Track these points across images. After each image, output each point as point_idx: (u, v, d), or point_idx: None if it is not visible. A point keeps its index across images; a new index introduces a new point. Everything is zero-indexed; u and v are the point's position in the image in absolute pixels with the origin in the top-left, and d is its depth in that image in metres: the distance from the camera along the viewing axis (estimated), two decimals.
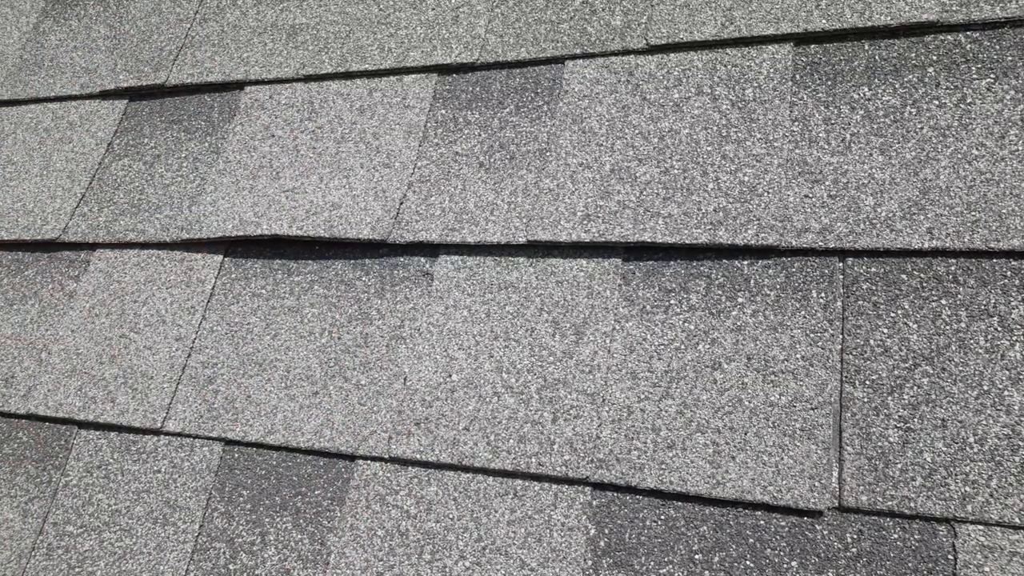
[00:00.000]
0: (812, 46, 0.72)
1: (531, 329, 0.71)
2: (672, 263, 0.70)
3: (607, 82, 0.77)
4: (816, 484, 0.59)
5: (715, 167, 0.70)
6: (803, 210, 0.66)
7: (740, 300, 0.66)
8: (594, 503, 0.65)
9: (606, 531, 0.64)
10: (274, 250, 0.85)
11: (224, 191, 0.88)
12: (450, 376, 0.71)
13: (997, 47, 0.67)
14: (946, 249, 0.62)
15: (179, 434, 0.79)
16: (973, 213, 0.62)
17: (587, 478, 0.64)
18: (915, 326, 0.61)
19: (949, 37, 0.68)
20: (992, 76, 0.66)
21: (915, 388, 0.60)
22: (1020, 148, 0.63)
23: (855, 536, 0.58)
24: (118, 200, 0.94)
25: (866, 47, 0.71)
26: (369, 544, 0.68)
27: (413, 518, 0.68)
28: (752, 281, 0.67)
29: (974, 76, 0.66)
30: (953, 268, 0.62)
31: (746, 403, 0.63)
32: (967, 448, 0.57)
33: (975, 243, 0.61)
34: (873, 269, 0.64)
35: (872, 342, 0.62)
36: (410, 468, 0.70)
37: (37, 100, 1.06)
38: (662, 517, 0.63)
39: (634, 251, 0.71)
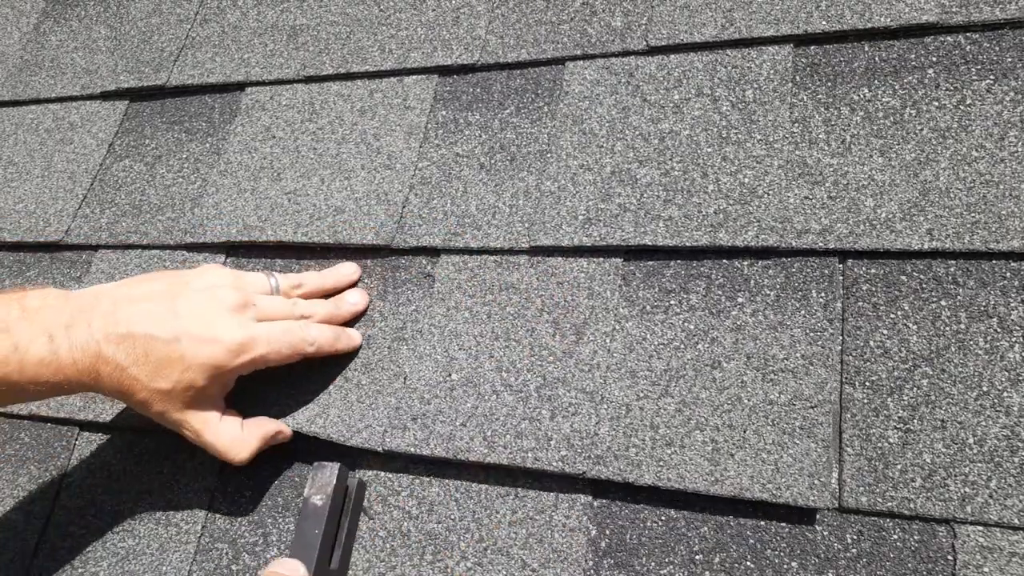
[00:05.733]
0: (812, 47, 0.73)
1: (531, 329, 0.71)
2: (672, 263, 0.70)
3: (607, 83, 0.78)
4: (816, 483, 0.59)
5: (715, 168, 0.70)
6: (803, 211, 0.66)
7: (740, 300, 0.66)
8: (595, 504, 0.65)
9: (607, 532, 0.64)
10: (276, 251, 0.85)
11: (226, 192, 0.88)
12: (450, 375, 0.71)
13: (997, 48, 0.67)
14: (946, 250, 0.62)
15: None
16: (973, 215, 0.62)
17: (584, 473, 0.64)
18: (915, 327, 0.62)
19: (949, 38, 0.69)
20: (992, 77, 0.66)
21: (915, 389, 0.60)
22: (1019, 150, 0.63)
23: (855, 537, 0.58)
24: (119, 202, 0.94)
25: (866, 48, 0.71)
26: (371, 545, 0.69)
27: (415, 519, 0.69)
28: (752, 281, 0.67)
29: (974, 77, 0.66)
30: (953, 269, 0.62)
31: (745, 401, 0.63)
32: (966, 449, 0.57)
33: (975, 244, 0.61)
34: (873, 270, 0.64)
35: (872, 343, 0.62)
36: (412, 469, 0.71)
37: (38, 101, 1.07)
38: (663, 518, 0.63)
39: (634, 252, 0.71)
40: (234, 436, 0.69)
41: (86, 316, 0.65)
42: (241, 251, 0.86)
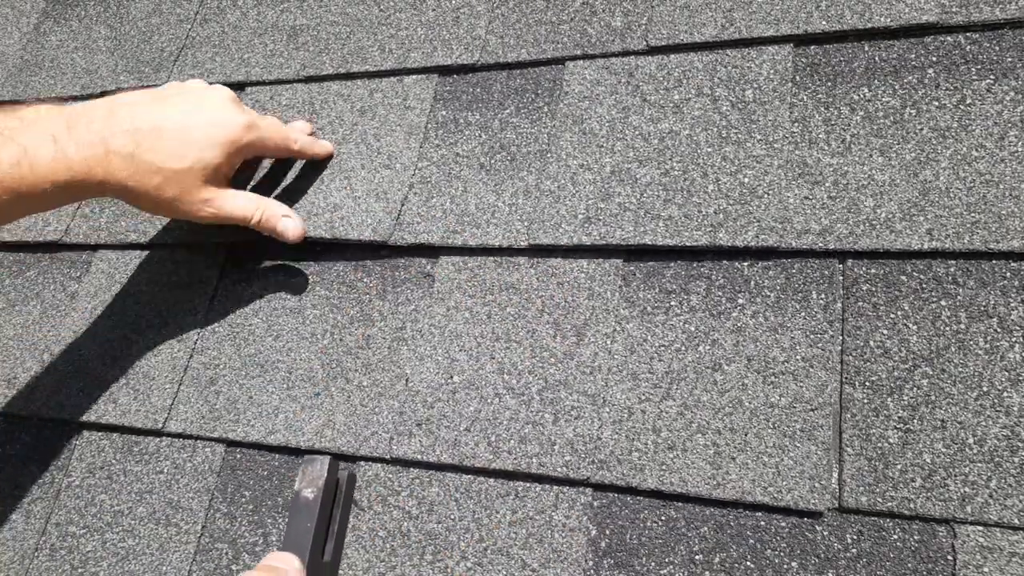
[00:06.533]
0: (812, 47, 0.73)
1: (532, 331, 0.71)
2: (672, 264, 0.70)
3: (607, 83, 0.77)
4: (816, 485, 0.59)
5: (715, 168, 0.70)
6: (803, 211, 0.66)
7: (740, 301, 0.66)
8: (595, 504, 0.65)
9: (607, 532, 0.64)
10: (275, 252, 0.85)
11: None
12: (451, 378, 0.71)
13: (997, 48, 0.67)
14: (946, 250, 0.62)
15: (180, 435, 0.79)
16: (973, 214, 0.62)
17: (588, 479, 0.64)
18: (915, 327, 0.62)
19: (949, 38, 0.69)
20: (992, 77, 0.66)
21: (915, 389, 0.60)
22: (1019, 149, 0.63)
23: (855, 537, 0.58)
24: (119, 200, 0.94)
25: (866, 48, 0.71)
26: (371, 545, 0.69)
27: (415, 519, 0.69)
28: (752, 282, 0.67)
29: (974, 77, 0.66)
30: (952, 269, 0.62)
31: (746, 404, 0.63)
32: (966, 449, 0.57)
33: (975, 244, 0.61)
34: (873, 270, 0.64)
35: (872, 343, 0.62)
36: (412, 469, 0.71)
37: (38, 101, 1.06)
38: (663, 518, 0.63)
39: (635, 252, 0.71)
40: (247, 203, 0.76)
41: (84, 119, 0.69)
42: (240, 249, 0.86)
